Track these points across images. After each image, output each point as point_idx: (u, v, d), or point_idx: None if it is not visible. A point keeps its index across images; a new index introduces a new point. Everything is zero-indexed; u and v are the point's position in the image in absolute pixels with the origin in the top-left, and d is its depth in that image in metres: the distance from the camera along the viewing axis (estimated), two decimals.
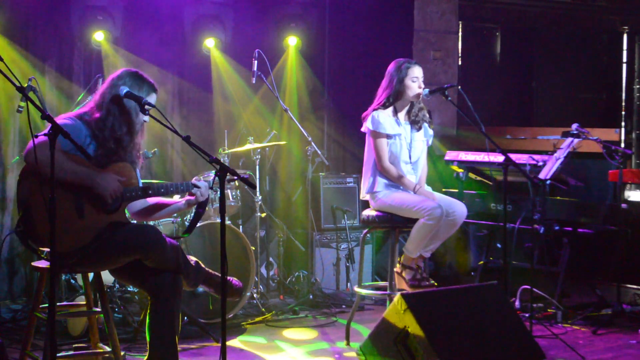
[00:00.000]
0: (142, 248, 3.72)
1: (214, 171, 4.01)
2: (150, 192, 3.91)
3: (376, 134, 4.93)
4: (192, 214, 4.12)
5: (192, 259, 4.00)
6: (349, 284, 6.56)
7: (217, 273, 4.01)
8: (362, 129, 5.05)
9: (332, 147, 7.56)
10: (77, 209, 3.71)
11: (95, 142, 3.82)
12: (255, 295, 5.83)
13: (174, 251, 3.81)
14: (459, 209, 4.84)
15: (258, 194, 6.16)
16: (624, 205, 6.05)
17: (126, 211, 4.04)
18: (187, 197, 4.00)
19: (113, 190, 3.73)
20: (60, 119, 3.81)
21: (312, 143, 6.10)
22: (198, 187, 3.95)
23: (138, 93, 3.84)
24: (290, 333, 5.36)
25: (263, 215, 6.29)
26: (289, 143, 6.93)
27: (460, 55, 8.21)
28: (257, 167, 6.16)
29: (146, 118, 3.90)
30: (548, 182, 5.63)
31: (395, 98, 4.98)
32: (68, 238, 3.64)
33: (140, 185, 3.98)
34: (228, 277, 4.05)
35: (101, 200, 3.73)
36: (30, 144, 3.60)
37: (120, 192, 3.76)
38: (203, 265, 4.03)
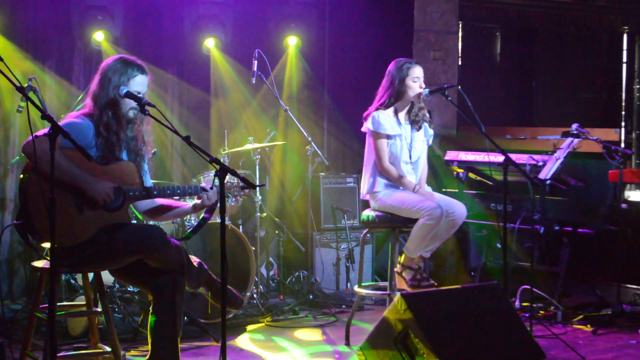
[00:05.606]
0: (147, 247, 3.72)
1: (213, 171, 4.01)
2: (155, 192, 3.90)
3: (376, 135, 4.93)
4: (199, 218, 4.11)
5: (195, 259, 4.00)
6: (349, 284, 6.56)
7: (219, 279, 4.00)
8: (362, 129, 5.05)
9: (332, 147, 7.56)
10: (76, 204, 3.71)
11: (100, 139, 3.83)
12: (255, 295, 5.83)
13: (178, 251, 3.81)
14: (459, 209, 4.84)
15: (258, 194, 6.16)
16: (624, 205, 6.06)
17: (135, 210, 4.05)
18: (195, 201, 4.00)
19: (106, 194, 3.72)
20: (70, 118, 3.87)
21: (312, 143, 6.10)
22: (206, 191, 3.95)
23: (127, 78, 3.85)
24: (290, 333, 5.36)
25: (263, 215, 6.29)
26: (289, 143, 6.93)
27: (460, 55, 8.21)
28: (257, 167, 6.16)
29: (133, 104, 3.88)
30: (548, 182, 5.63)
31: (396, 98, 4.98)
32: (66, 233, 3.64)
33: (150, 184, 3.98)
34: (230, 287, 4.05)
35: (94, 203, 3.72)
36: (30, 138, 3.62)
37: (109, 197, 3.75)
38: (206, 267, 4.03)
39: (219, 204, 3.53)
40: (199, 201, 3.97)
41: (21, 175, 3.72)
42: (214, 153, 6.40)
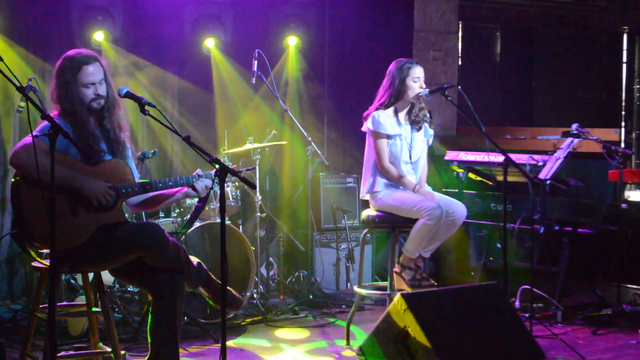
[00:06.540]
0: (145, 244, 3.72)
1: (213, 171, 4.00)
2: (148, 187, 3.90)
3: (377, 134, 4.93)
4: (192, 210, 4.10)
5: (194, 259, 3.99)
6: (349, 284, 6.56)
7: (219, 280, 4.00)
8: (363, 129, 5.05)
9: (332, 147, 7.56)
10: (70, 207, 3.70)
11: (76, 136, 3.81)
12: (255, 295, 5.83)
13: (176, 250, 3.81)
14: (459, 209, 4.84)
15: (258, 194, 6.16)
16: (624, 205, 6.05)
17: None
18: (186, 189, 3.98)
19: (100, 193, 3.72)
20: (46, 122, 3.83)
21: (312, 143, 6.09)
22: (198, 180, 3.93)
23: (76, 71, 3.84)
24: (290, 333, 5.36)
25: (263, 215, 6.29)
26: (289, 143, 6.93)
27: (460, 55, 8.21)
28: (257, 167, 6.16)
29: (90, 91, 3.86)
30: (548, 182, 5.63)
31: (396, 98, 4.98)
32: (62, 237, 3.63)
33: (138, 178, 3.98)
34: (229, 288, 4.05)
35: (88, 202, 3.72)
36: (16, 147, 3.62)
37: (107, 195, 3.75)
38: (205, 268, 4.03)
39: (218, 204, 3.52)
40: (189, 189, 3.95)
41: (13, 179, 3.71)
42: (214, 153, 6.39)
